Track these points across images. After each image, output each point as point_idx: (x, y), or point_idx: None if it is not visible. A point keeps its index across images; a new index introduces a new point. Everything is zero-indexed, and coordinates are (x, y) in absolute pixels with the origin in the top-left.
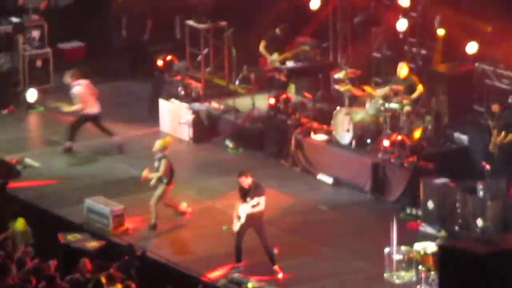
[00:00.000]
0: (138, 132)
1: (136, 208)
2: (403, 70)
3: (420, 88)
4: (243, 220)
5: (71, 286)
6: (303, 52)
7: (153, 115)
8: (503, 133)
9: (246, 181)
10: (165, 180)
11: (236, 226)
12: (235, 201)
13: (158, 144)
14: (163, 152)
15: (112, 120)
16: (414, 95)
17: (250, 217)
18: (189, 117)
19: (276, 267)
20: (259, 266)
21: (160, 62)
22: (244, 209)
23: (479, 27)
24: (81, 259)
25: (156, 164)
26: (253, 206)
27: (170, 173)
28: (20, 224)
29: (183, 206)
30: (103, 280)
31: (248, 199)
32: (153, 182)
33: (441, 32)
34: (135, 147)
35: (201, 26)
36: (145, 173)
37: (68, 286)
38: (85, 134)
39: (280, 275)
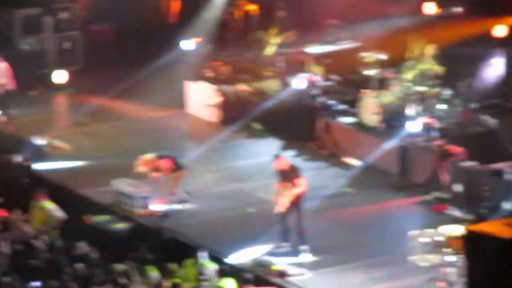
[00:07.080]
0: (164, 113)
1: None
2: (430, 50)
3: (437, 68)
4: (287, 203)
5: None
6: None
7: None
8: None
9: (279, 164)
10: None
11: (280, 208)
12: (271, 184)
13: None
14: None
15: (138, 102)
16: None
17: (293, 199)
18: (217, 99)
19: (304, 247)
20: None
21: (186, 44)
22: (288, 193)
23: None
24: None
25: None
26: (294, 188)
27: (175, 165)
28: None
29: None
30: None
31: (286, 181)
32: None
33: None
34: (162, 128)
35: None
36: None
37: None
38: (112, 115)
39: (307, 256)
